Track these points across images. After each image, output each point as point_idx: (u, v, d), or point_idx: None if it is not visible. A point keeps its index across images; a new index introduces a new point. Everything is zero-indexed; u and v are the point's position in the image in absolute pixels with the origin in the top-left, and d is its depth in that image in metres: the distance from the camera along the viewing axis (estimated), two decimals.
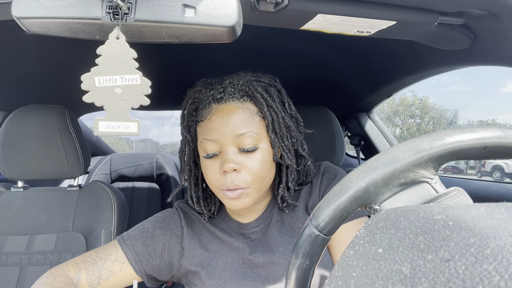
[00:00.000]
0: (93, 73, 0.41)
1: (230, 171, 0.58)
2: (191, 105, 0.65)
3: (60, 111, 0.98)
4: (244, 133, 0.59)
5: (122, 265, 0.64)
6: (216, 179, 0.60)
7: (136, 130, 0.42)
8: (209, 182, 0.63)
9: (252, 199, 0.61)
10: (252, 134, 0.59)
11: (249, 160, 0.59)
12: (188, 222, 0.70)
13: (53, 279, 0.60)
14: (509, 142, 0.30)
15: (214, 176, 0.60)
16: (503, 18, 0.57)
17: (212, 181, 0.62)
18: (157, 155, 1.74)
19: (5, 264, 0.90)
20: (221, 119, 0.60)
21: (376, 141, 1.42)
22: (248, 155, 0.60)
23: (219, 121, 0.60)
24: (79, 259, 0.65)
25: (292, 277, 0.33)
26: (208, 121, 0.61)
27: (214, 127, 0.60)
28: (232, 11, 0.40)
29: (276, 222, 0.67)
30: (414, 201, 0.32)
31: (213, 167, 0.61)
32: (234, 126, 0.59)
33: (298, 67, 1.13)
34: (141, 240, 0.67)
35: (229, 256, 0.64)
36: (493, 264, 0.16)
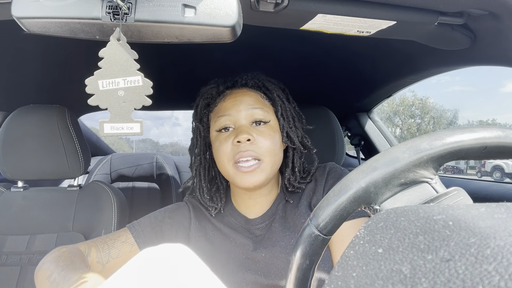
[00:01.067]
0: (96, 77, 0.41)
1: (244, 141, 0.62)
2: (204, 100, 0.71)
3: (60, 111, 0.98)
4: (256, 107, 0.65)
5: (131, 247, 0.66)
6: (229, 151, 0.63)
7: (139, 130, 0.43)
8: (221, 157, 0.65)
9: (265, 175, 0.63)
10: (263, 110, 0.66)
11: (261, 134, 0.64)
12: (196, 215, 0.72)
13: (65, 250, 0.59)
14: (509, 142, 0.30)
15: (227, 148, 0.63)
16: (503, 18, 0.57)
17: (225, 154, 0.64)
18: (157, 155, 1.74)
19: (5, 264, 0.90)
20: (235, 99, 0.66)
21: (376, 141, 1.42)
22: (260, 130, 0.65)
23: (233, 99, 0.66)
24: (88, 241, 0.66)
25: (292, 277, 0.33)
26: (222, 102, 0.68)
27: (229, 105, 0.66)
28: (232, 11, 0.40)
29: (280, 218, 0.68)
30: (414, 201, 0.32)
31: (226, 141, 0.64)
32: (247, 103, 0.66)
33: (298, 67, 1.13)
34: (150, 227, 0.69)
35: (233, 251, 0.66)
36: (493, 264, 0.16)
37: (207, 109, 0.71)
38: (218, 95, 0.70)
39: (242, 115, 0.65)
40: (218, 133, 0.66)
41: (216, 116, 0.67)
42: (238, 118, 0.65)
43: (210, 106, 0.70)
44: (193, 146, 0.73)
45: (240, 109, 0.65)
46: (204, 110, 0.71)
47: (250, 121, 0.65)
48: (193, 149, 0.73)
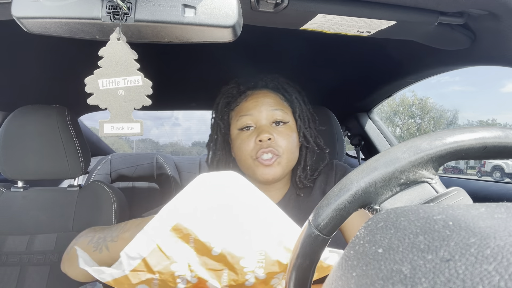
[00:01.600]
0: (96, 76, 0.41)
1: (265, 140, 0.66)
2: (225, 99, 0.75)
3: (60, 111, 0.98)
4: (276, 109, 0.70)
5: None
6: (251, 149, 0.68)
7: (139, 130, 0.43)
8: (242, 154, 0.69)
9: (282, 169, 0.67)
10: (283, 111, 0.71)
11: (280, 133, 0.69)
12: None
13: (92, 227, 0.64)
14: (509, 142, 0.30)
15: (249, 146, 0.68)
16: (503, 18, 0.57)
17: (247, 151, 0.68)
18: (157, 155, 1.74)
19: (5, 264, 0.90)
20: (256, 100, 0.71)
21: (376, 141, 1.42)
22: (280, 130, 0.69)
23: (255, 100, 0.71)
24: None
25: (292, 277, 0.33)
26: (244, 102, 0.71)
27: (250, 105, 0.70)
28: (232, 11, 0.40)
29: (293, 208, 0.71)
30: (414, 201, 0.32)
31: (248, 139, 0.68)
32: (268, 104, 0.70)
33: (298, 67, 1.13)
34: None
35: None
36: (493, 264, 0.16)
37: (228, 108, 0.75)
38: (239, 94, 0.73)
39: (263, 115, 0.69)
40: (240, 131, 0.70)
41: (238, 115, 0.71)
42: (259, 118, 0.69)
43: (231, 105, 0.74)
44: (212, 142, 0.76)
45: (262, 110, 0.69)
46: (225, 108, 0.75)
47: (270, 121, 0.69)
48: (212, 145, 0.76)
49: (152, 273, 0.42)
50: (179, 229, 0.42)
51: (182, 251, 0.42)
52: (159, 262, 0.42)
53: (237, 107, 0.73)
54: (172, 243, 0.42)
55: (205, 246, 0.42)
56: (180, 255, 0.42)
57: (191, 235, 0.42)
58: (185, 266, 0.43)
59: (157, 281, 0.43)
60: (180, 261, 0.42)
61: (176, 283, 0.44)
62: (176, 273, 0.43)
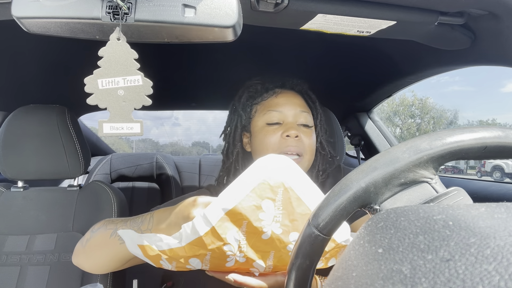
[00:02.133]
0: (95, 76, 0.41)
1: (293, 136, 0.69)
2: (249, 93, 0.76)
3: (60, 111, 0.98)
4: (304, 111, 0.73)
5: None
6: (277, 142, 0.69)
7: (139, 130, 0.42)
8: (265, 147, 0.70)
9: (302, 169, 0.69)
10: (308, 115, 0.74)
11: (305, 134, 0.71)
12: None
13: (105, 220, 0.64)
14: (509, 142, 0.30)
15: (275, 140, 0.70)
16: (503, 18, 0.57)
17: (272, 144, 0.69)
18: (157, 155, 1.74)
19: (5, 264, 0.90)
20: (286, 98, 0.73)
21: (376, 141, 1.42)
22: (304, 130, 0.72)
23: (285, 99, 0.73)
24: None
25: (292, 277, 0.33)
26: (274, 97, 0.73)
27: (280, 102, 0.72)
28: (232, 11, 0.40)
29: None
30: (414, 201, 0.32)
31: (274, 133, 0.70)
32: (297, 105, 0.73)
33: (298, 67, 1.13)
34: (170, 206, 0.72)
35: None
36: (493, 264, 0.16)
37: (251, 101, 0.76)
38: (265, 90, 0.75)
39: (291, 114, 0.72)
40: (266, 125, 0.72)
41: (266, 109, 0.72)
42: (288, 116, 0.71)
43: (256, 98, 0.76)
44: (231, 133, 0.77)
45: (291, 108, 0.72)
46: (248, 101, 0.76)
47: (297, 121, 0.72)
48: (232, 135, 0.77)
49: (206, 250, 0.47)
50: (234, 214, 0.46)
51: (235, 234, 0.47)
52: (213, 242, 0.46)
53: (265, 101, 0.74)
54: (227, 226, 0.46)
55: (256, 230, 0.47)
56: (232, 237, 0.47)
57: (244, 220, 0.46)
58: (235, 247, 0.48)
59: (209, 257, 0.49)
60: (232, 243, 0.47)
61: (226, 261, 0.49)
62: (227, 253, 0.48)
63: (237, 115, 0.77)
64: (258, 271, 0.52)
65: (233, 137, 0.77)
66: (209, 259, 0.49)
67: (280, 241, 0.48)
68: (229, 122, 0.79)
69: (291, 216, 0.48)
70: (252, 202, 0.46)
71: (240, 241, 0.47)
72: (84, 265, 0.63)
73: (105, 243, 0.58)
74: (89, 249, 0.61)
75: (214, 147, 40.25)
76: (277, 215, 0.47)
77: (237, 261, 0.50)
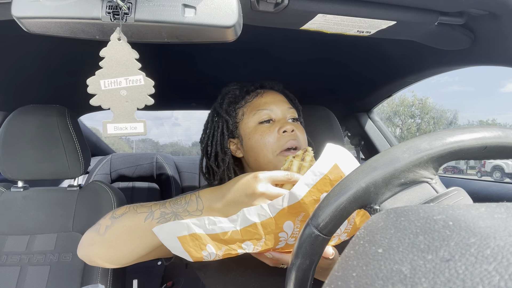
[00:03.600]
0: (98, 76, 0.41)
1: (289, 131, 0.68)
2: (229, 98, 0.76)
3: (60, 111, 0.98)
4: (291, 107, 0.74)
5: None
6: (275, 140, 0.69)
7: (142, 130, 0.43)
8: (264, 147, 0.69)
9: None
10: (295, 110, 0.75)
11: (298, 128, 0.71)
12: None
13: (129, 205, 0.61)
14: (509, 142, 0.30)
15: (273, 138, 0.69)
16: (503, 18, 0.57)
17: (270, 143, 0.69)
18: (157, 155, 1.74)
19: (5, 264, 0.90)
20: (273, 96, 0.74)
21: (376, 141, 1.42)
22: (297, 125, 0.72)
23: (271, 97, 0.74)
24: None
25: (292, 277, 0.33)
26: (260, 97, 0.73)
27: (268, 101, 0.72)
28: (232, 11, 0.40)
29: None
30: (414, 201, 0.32)
31: (270, 131, 0.69)
32: (284, 102, 0.74)
33: (298, 67, 1.13)
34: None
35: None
36: (493, 264, 0.16)
37: (234, 106, 0.75)
38: (246, 93, 0.75)
39: (281, 111, 0.72)
40: (259, 125, 0.71)
41: (255, 109, 0.72)
42: (278, 113, 0.72)
43: (239, 102, 0.75)
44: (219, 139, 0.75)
45: (280, 105, 0.72)
46: (230, 106, 0.75)
47: (287, 117, 0.72)
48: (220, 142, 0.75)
49: (262, 235, 0.50)
50: (295, 207, 0.49)
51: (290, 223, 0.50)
52: (269, 229, 0.50)
53: (249, 103, 0.73)
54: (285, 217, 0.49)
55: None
56: (288, 226, 0.50)
57: (303, 211, 0.49)
58: (289, 233, 0.51)
59: (263, 242, 0.51)
60: (287, 230, 0.50)
61: (278, 244, 0.52)
62: (280, 238, 0.51)
63: (222, 121, 0.75)
64: None
65: (221, 144, 0.74)
66: (262, 244, 0.51)
67: None
68: (212, 129, 0.76)
69: None
70: (312, 197, 0.49)
71: (294, 228, 0.50)
72: (102, 255, 0.57)
73: (138, 227, 0.55)
74: (112, 236, 0.56)
75: None
76: None
77: (287, 244, 0.53)
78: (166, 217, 0.55)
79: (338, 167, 0.49)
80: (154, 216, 0.55)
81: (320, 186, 0.49)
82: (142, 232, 0.55)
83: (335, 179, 0.49)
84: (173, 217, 0.55)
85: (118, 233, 0.56)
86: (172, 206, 0.56)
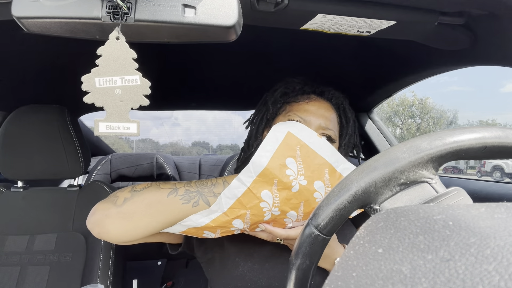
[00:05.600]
0: (93, 74, 0.41)
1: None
2: (284, 89, 0.75)
3: (60, 111, 0.98)
4: (331, 129, 0.70)
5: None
6: None
7: (135, 130, 0.42)
8: None
9: None
10: (334, 133, 0.71)
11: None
12: None
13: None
14: (509, 142, 0.30)
15: None
16: (503, 18, 0.57)
17: None
18: (157, 155, 1.74)
19: (5, 264, 0.90)
20: (319, 108, 0.71)
21: (376, 141, 1.42)
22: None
23: (317, 108, 0.71)
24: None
25: (292, 277, 0.33)
26: (306, 103, 0.71)
27: (311, 109, 0.70)
28: (232, 11, 0.40)
29: None
30: (414, 201, 0.32)
31: None
32: (326, 119, 0.70)
33: (298, 67, 1.13)
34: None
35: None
36: (493, 264, 0.16)
37: (284, 98, 0.74)
38: (301, 92, 0.74)
39: (316, 124, 0.68)
40: None
41: (293, 112, 0.70)
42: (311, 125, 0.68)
43: (289, 97, 0.74)
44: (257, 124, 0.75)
45: (318, 122, 0.68)
46: (281, 97, 0.74)
47: (320, 131, 0.69)
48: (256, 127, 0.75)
49: (246, 209, 0.54)
50: (265, 175, 0.53)
51: (268, 192, 0.54)
52: (250, 201, 0.54)
53: (296, 103, 0.72)
54: (260, 186, 0.53)
55: (286, 185, 0.54)
56: (266, 195, 0.54)
57: (275, 178, 0.53)
58: (270, 204, 0.55)
59: (248, 215, 0.55)
60: (267, 200, 0.54)
61: (263, 216, 0.56)
62: (263, 209, 0.55)
63: (265, 108, 0.75)
64: (292, 221, 0.59)
65: (256, 129, 0.75)
66: (249, 217, 0.55)
67: (307, 190, 0.55)
68: (257, 113, 0.77)
69: (311, 167, 0.55)
70: (277, 162, 0.53)
71: (274, 197, 0.54)
72: (116, 226, 0.55)
73: (159, 202, 0.55)
74: (130, 208, 0.54)
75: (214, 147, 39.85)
76: (300, 169, 0.54)
77: (273, 215, 0.57)
78: (191, 195, 0.56)
79: (291, 134, 0.55)
80: (178, 193, 0.56)
81: (281, 152, 0.53)
82: (163, 207, 0.55)
83: (293, 144, 0.54)
84: (197, 196, 0.56)
85: (138, 206, 0.55)
86: (198, 186, 0.58)
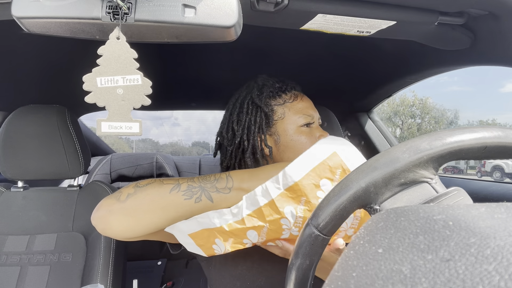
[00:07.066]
0: (94, 74, 0.41)
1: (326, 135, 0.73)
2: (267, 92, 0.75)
3: (60, 111, 0.98)
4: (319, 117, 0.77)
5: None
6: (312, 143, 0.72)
7: (138, 130, 0.42)
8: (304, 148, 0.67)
9: None
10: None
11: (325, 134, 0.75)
12: None
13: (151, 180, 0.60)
14: (509, 142, 0.30)
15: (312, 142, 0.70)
16: (503, 18, 0.57)
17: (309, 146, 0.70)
18: (157, 155, 1.74)
19: (5, 264, 0.90)
20: (309, 103, 0.76)
21: (376, 141, 1.42)
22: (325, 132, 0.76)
23: (308, 103, 0.76)
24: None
25: (292, 277, 0.33)
26: (300, 101, 0.75)
27: (307, 106, 0.75)
28: (232, 11, 0.40)
29: None
30: (414, 201, 0.32)
31: (310, 134, 0.72)
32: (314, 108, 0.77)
33: (298, 67, 1.13)
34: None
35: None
36: (493, 264, 0.16)
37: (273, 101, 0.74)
38: (283, 92, 0.75)
39: (316, 117, 0.75)
40: (300, 127, 0.72)
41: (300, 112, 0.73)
42: (315, 119, 0.75)
43: (277, 99, 0.74)
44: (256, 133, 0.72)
45: (317, 115, 0.76)
46: (269, 99, 0.74)
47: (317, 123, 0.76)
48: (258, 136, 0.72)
49: (264, 222, 0.50)
50: (294, 190, 0.48)
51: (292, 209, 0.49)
52: (271, 214, 0.49)
53: (290, 104, 0.74)
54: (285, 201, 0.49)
55: (313, 207, 0.48)
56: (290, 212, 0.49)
57: (303, 197, 0.48)
58: (291, 222, 0.50)
59: (266, 230, 0.51)
60: (289, 218, 0.49)
61: (281, 234, 0.52)
62: (283, 226, 0.50)
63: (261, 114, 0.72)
64: None
65: (260, 138, 0.72)
66: (266, 232, 0.51)
67: None
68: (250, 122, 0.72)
69: None
70: (311, 181, 0.48)
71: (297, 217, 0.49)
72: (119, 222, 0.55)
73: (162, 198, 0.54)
74: (133, 204, 0.54)
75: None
76: None
77: (292, 234, 0.52)
78: (193, 190, 0.55)
79: (337, 155, 0.49)
80: (180, 188, 0.55)
81: (319, 171, 0.48)
82: (165, 203, 0.54)
83: (334, 167, 0.48)
84: (199, 191, 0.55)
85: (141, 201, 0.55)
86: (201, 181, 0.56)
